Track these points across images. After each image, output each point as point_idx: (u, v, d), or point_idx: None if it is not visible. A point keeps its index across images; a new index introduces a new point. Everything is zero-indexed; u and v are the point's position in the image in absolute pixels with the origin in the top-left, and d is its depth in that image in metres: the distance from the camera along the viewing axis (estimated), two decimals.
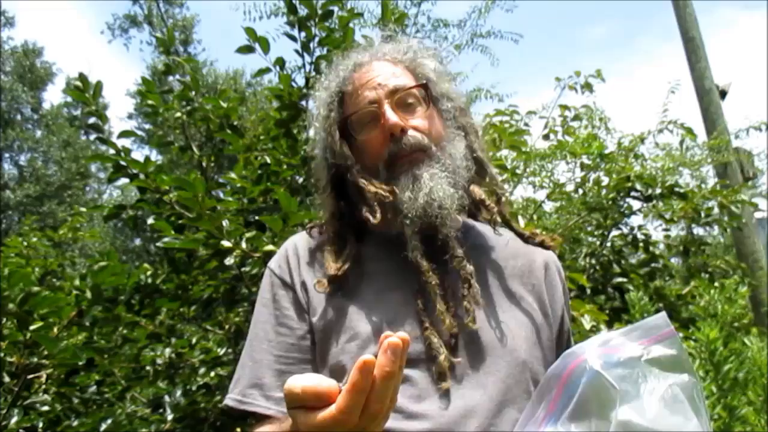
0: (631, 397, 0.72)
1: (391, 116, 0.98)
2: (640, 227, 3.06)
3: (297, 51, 2.28)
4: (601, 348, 0.77)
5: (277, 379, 0.94)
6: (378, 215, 0.97)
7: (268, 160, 2.29)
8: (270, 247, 1.88)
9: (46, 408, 2.01)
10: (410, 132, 0.99)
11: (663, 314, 0.78)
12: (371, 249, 1.04)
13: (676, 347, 0.76)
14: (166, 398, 2.18)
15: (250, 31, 2.20)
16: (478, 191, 1.06)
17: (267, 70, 2.33)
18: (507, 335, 0.94)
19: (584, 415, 0.74)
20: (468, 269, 0.96)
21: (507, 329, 0.95)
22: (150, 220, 2.05)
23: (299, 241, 1.09)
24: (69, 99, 18.20)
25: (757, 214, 6.24)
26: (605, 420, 0.72)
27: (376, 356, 0.61)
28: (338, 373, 0.91)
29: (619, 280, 2.84)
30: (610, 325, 2.31)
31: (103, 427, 1.97)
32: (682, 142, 4.26)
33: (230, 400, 0.96)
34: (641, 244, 3.00)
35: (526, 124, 3.12)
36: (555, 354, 0.99)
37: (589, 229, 3.25)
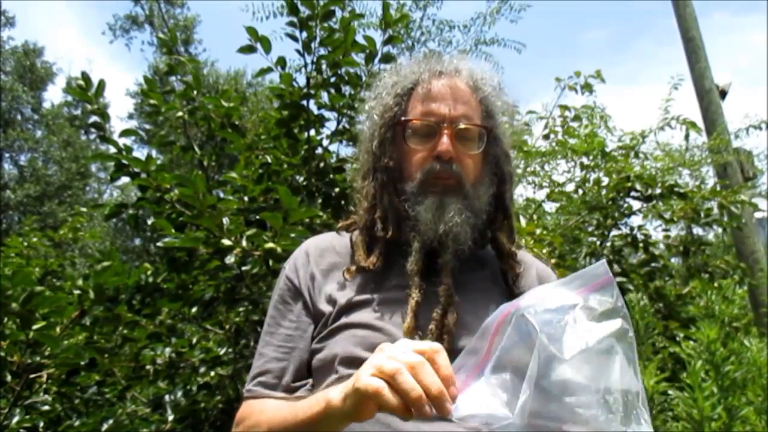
0: (553, 343, 0.70)
1: (447, 142, 1.03)
2: (639, 227, 3.06)
3: (298, 51, 2.28)
4: (535, 296, 0.75)
5: (277, 363, 1.03)
6: (390, 230, 1.06)
7: (269, 160, 2.29)
8: (270, 245, 1.88)
9: (47, 408, 2.01)
10: (455, 163, 1.04)
11: (603, 262, 0.76)
12: (399, 243, 1.08)
13: (613, 295, 0.75)
14: (167, 398, 2.18)
15: (251, 31, 2.20)
16: (506, 243, 1.10)
17: (268, 70, 2.33)
18: None
19: (504, 366, 0.72)
20: (452, 299, 1.00)
21: None
22: (150, 220, 2.06)
23: (316, 241, 1.16)
24: (69, 99, 18.21)
25: (757, 214, 6.24)
26: (521, 372, 0.69)
27: None
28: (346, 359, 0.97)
29: (619, 279, 2.84)
30: None
31: (105, 427, 1.97)
32: (687, 137, 4.26)
33: (248, 391, 1.04)
34: (641, 244, 3.00)
35: (526, 124, 3.13)
36: None
37: (589, 229, 3.25)
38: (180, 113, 2.35)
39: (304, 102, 2.29)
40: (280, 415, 0.92)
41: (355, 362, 0.93)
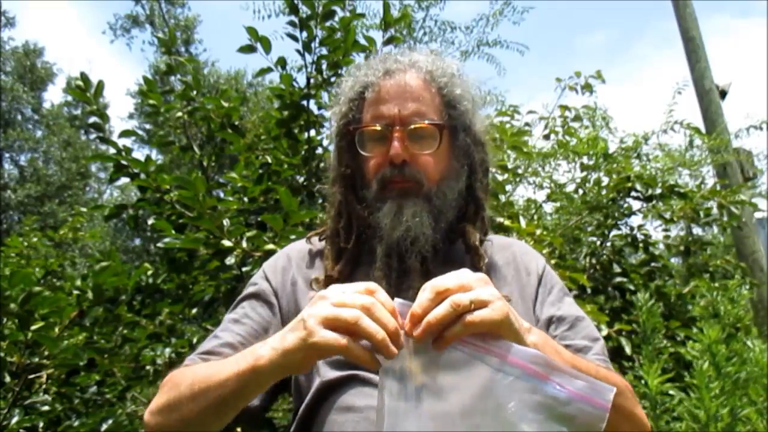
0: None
1: (397, 146, 1.00)
2: (639, 227, 3.06)
3: (298, 51, 2.28)
4: (535, 365, 0.71)
5: (231, 350, 0.97)
6: (352, 240, 1.05)
7: (269, 160, 2.29)
8: (271, 246, 1.87)
9: (46, 408, 2.01)
10: (410, 165, 1.01)
11: (613, 389, 0.71)
12: (366, 250, 1.07)
13: (587, 421, 0.69)
14: None
15: (251, 31, 2.20)
16: (473, 236, 1.06)
17: (269, 70, 2.33)
18: None
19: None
20: None
21: None
22: (150, 220, 2.05)
23: (300, 246, 1.14)
24: (70, 99, 18.18)
25: (757, 214, 6.24)
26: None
27: None
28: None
29: (620, 279, 2.83)
30: (610, 325, 2.32)
31: (104, 427, 1.96)
32: (691, 142, 4.25)
33: (188, 359, 1.00)
34: (641, 244, 3.00)
35: (527, 124, 3.13)
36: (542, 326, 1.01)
37: (589, 229, 3.25)
38: (180, 113, 2.35)
39: (305, 102, 2.29)
40: (203, 372, 0.87)
41: (337, 362, 0.95)
